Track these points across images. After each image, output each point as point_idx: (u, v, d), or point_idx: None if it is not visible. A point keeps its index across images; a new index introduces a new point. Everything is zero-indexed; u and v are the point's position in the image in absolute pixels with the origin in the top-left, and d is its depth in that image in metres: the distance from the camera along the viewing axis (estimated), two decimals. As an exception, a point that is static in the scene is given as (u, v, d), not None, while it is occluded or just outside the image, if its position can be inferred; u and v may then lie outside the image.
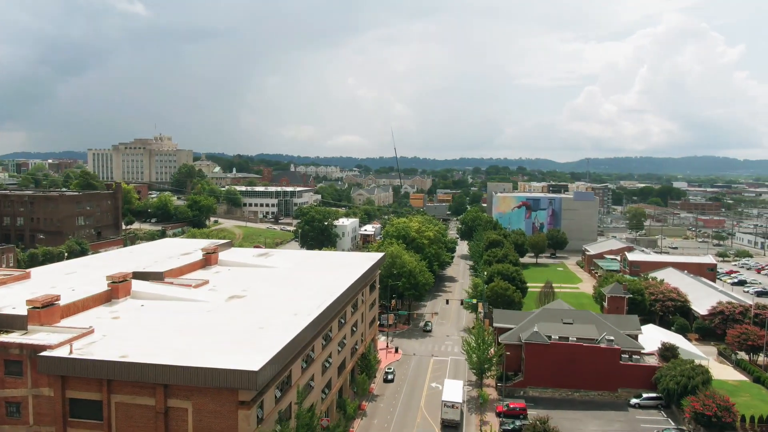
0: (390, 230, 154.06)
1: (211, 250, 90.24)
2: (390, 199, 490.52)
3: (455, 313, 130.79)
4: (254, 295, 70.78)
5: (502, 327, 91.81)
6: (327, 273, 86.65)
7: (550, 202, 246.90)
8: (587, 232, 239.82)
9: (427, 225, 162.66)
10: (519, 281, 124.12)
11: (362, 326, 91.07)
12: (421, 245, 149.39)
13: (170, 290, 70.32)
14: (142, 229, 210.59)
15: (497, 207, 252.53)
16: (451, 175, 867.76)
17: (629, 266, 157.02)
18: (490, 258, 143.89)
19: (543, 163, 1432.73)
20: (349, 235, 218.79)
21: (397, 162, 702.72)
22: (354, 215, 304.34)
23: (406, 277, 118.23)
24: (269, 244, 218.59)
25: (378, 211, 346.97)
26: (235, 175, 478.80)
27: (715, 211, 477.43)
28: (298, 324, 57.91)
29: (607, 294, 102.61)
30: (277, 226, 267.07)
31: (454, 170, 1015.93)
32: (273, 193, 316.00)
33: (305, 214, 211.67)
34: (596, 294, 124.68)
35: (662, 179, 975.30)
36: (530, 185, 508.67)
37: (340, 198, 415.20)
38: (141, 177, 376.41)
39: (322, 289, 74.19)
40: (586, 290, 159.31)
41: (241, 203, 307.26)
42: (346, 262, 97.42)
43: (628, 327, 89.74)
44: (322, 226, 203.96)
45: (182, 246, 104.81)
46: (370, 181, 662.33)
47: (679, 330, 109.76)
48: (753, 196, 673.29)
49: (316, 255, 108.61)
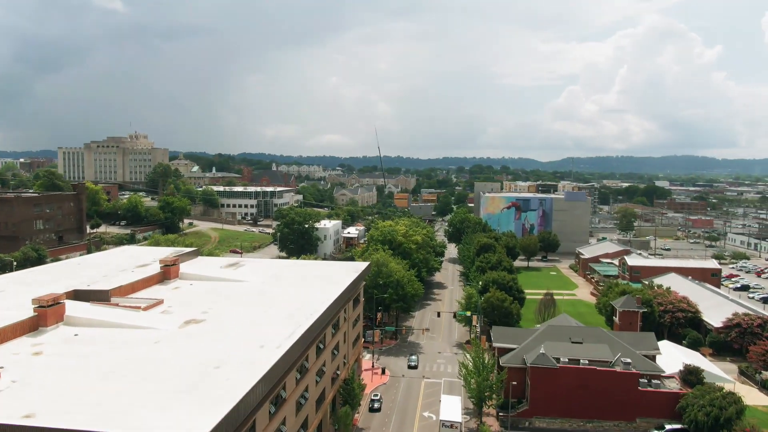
0: (375, 234, 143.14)
1: (170, 262, 78.45)
2: (374, 199, 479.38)
3: (446, 325, 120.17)
4: (215, 319, 59.38)
5: (503, 347, 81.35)
6: (304, 288, 75.53)
7: (540, 203, 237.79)
8: (579, 233, 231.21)
9: (414, 228, 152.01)
10: (516, 290, 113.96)
11: (344, 347, 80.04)
12: (408, 250, 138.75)
13: (114, 314, 58.64)
14: (109, 232, 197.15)
15: (486, 208, 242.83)
16: (435, 174, 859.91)
17: (629, 272, 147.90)
18: (483, 264, 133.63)
19: (526, 162, 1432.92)
20: (331, 238, 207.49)
21: (380, 161, 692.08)
22: (337, 216, 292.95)
23: (393, 287, 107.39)
24: (246, 248, 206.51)
25: (362, 212, 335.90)
26: (214, 175, 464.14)
27: (701, 210, 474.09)
28: (266, 360, 46.76)
29: (619, 308, 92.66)
30: (256, 228, 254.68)
31: (438, 169, 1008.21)
32: (252, 193, 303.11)
33: (284, 216, 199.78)
34: (600, 304, 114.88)
35: (644, 178, 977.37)
36: (516, 185, 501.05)
37: (323, 198, 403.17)
38: (114, 177, 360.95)
39: (298, 310, 63.13)
40: (583, 297, 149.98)
41: (219, 204, 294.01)
42: (327, 273, 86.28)
43: (645, 346, 79.85)
44: (302, 229, 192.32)
45: (141, 256, 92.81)
46: (354, 180, 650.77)
47: (692, 344, 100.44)
48: (735, 195, 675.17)
49: (293, 265, 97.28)
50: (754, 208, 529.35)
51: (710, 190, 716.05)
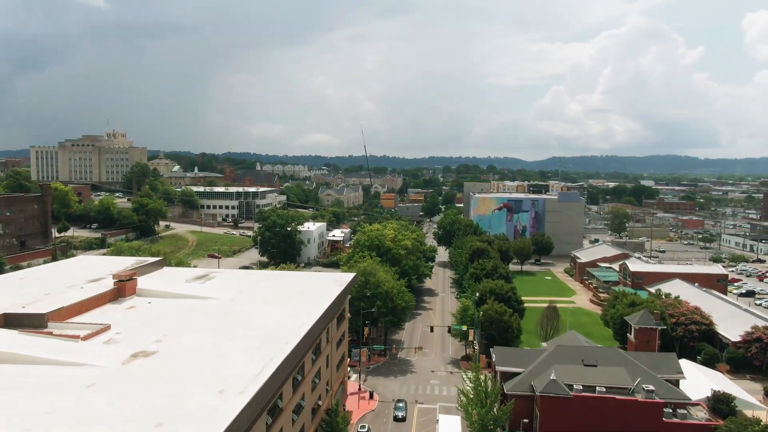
0: (362, 239, 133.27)
1: (125, 277, 67.99)
2: (360, 199, 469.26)
3: (439, 339, 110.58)
4: (170, 351, 49.23)
5: (507, 371, 71.99)
6: (280, 306, 65.57)
7: (532, 204, 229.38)
8: (573, 235, 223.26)
9: (403, 233, 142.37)
10: (515, 301, 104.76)
11: (327, 373, 70.18)
12: (397, 256, 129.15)
13: (44, 346, 48.24)
14: (78, 236, 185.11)
15: (476, 209, 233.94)
16: (421, 174, 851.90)
17: (631, 278, 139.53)
18: (478, 272, 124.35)
19: (512, 161, 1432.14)
20: (315, 242, 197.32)
21: (367, 161, 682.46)
22: (321, 218, 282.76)
23: (382, 299, 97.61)
24: (225, 252, 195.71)
25: (348, 213, 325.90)
26: (195, 175, 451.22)
27: (690, 210, 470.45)
28: (225, 412, 36.84)
29: (635, 324, 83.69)
30: (237, 230, 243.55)
31: (424, 169, 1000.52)
32: (233, 194, 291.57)
33: (266, 218, 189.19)
34: (606, 316, 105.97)
35: (629, 178, 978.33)
36: (504, 184, 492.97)
37: (307, 199, 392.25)
38: (90, 177, 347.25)
39: (272, 336, 53.34)
40: (583, 305, 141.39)
41: (199, 205, 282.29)
42: (307, 287, 76.34)
43: (667, 369, 70.93)
44: (284, 232, 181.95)
45: (98, 267, 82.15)
46: (339, 180, 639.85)
47: (708, 361, 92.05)
48: (720, 194, 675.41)
49: (269, 277, 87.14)
50: (742, 208, 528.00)
51: (696, 190, 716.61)
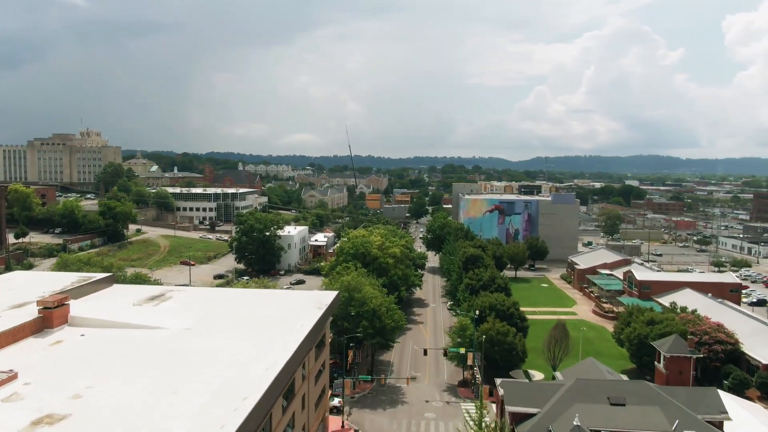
0: (346, 247, 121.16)
1: (52, 303, 55.18)
2: (345, 200, 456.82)
3: (433, 361, 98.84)
4: (86, 414, 36.81)
5: (519, 412, 60.48)
6: (247, 338, 53.34)
7: (525, 206, 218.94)
8: (567, 239, 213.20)
9: (391, 239, 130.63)
10: (518, 318, 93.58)
11: (303, 416, 58.08)
12: (384, 266, 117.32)
13: None
14: (37, 242, 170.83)
15: (467, 211, 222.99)
16: (407, 174, 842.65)
17: (638, 287, 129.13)
18: (473, 282, 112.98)
19: (496, 161, 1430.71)
20: (296, 247, 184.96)
21: (351, 161, 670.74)
22: (304, 220, 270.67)
23: (368, 318, 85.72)
24: (199, 258, 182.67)
25: (332, 215, 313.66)
26: (174, 175, 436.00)
27: (679, 211, 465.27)
28: None
29: (666, 352, 72.49)
30: (214, 234, 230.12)
31: (410, 169, 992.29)
32: (211, 195, 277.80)
33: (243, 222, 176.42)
34: (618, 333, 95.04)
35: (614, 178, 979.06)
36: (491, 184, 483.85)
37: (290, 200, 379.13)
38: (60, 177, 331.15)
39: (229, 386, 41.15)
40: (585, 316, 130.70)
41: (174, 207, 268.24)
42: (282, 310, 64.07)
43: (707, 407, 59.90)
44: (262, 238, 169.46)
45: (32, 287, 69.14)
46: (323, 180, 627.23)
47: (736, 386, 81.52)
48: (705, 194, 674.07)
49: (237, 297, 74.68)
50: (730, 208, 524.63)
51: (681, 190, 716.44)
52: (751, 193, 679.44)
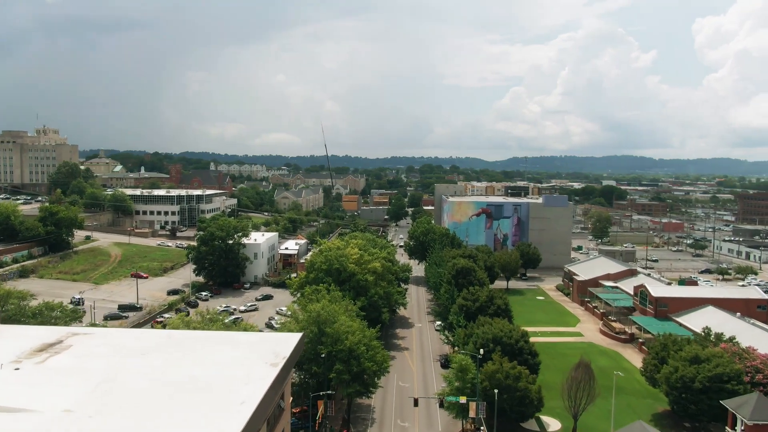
0: (318, 261, 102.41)
1: None
2: (320, 201, 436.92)
3: (423, 406, 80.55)
4: None
5: None
6: (159, 422, 34.67)
7: (515, 209, 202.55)
8: (560, 245, 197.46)
9: (371, 250, 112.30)
10: (528, 353, 76.11)
11: None
12: (363, 284, 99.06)
13: None
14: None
15: (451, 215, 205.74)
16: (384, 174, 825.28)
17: (653, 305, 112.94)
18: (468, 304, 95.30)
19: (473, 161, 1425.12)
20: (264, 256, 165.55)
21: (327, 160, 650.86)
22: (276, 224, 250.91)
23: (344, 361, 67.39)
24: (154, 270, 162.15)
25: (306, 218, 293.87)
26: (139, 176, 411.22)
27: (662, 212, 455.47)
28: None
29: (749, 420, 55.18)
30: (174, 241, 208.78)
31: (387, 169, 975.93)
32: (174, 197, 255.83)
33: (203, 229, 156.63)
34: (650, 371, 78.08)
35: (590, 178, 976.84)
36: (472, 185, 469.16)
37: (262, 202, 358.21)
38: (10, 178, 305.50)
39: None
40: (593, 338, 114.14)
41: (133, 211, 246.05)
42: (220, 370, 45.44)
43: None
44: (225, 247, 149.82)
45: None
46: (299, 180, 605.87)
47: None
48: (682, 194, 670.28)
49: (164, 343, 55.49)
50: (712, 209, 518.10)
51: (658, 190, 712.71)
52: (728, 193, 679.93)
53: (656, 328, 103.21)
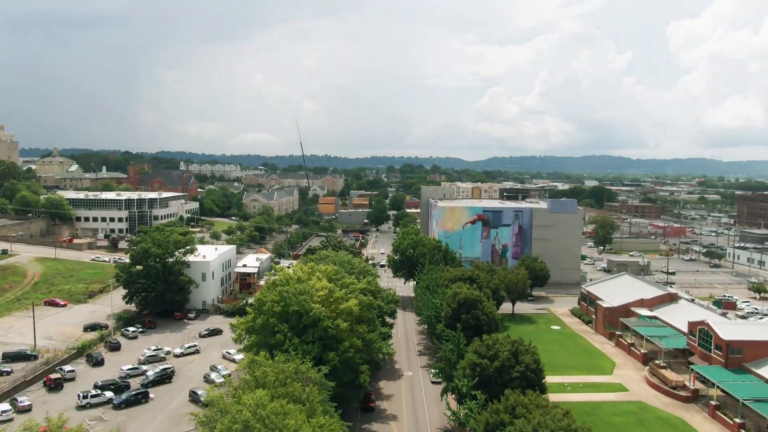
0: (268, 300, 71.91)
1: None
2: (295, 204, 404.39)
3: None
4: None
5: None
6: None
7: (516, 216, 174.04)
8: (569, 258, 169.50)
9: (346, 280, 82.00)
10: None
11: None
12: (333, 333, 69.09)
13: None
14: None
15: (443, 223, 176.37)
16: (364, 174, 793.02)
17: (723, 349, 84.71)
18: (484, 363, 66.10)
19: (454, 161, 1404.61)
20: (216, 276, 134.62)
21: (303, 159, 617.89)
22: (240, 232, 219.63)
23: None
24: (77, 295, 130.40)
25: (277, 224, 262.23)
26: (97, 176, 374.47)
27: (656, 214, 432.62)
28: None
29: None
30: (113, 255, 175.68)
31: (367, 169, 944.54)
32: (123, 202, 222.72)
33: (136, 244, 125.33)
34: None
35: (571, 177, 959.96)
36: (457, 185, 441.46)
37: (229, 205, 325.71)
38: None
39: None
40: (641, 395, 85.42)
41: (71, 217, 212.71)
42: None
43: None
44: (162, 266, 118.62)
45: None
46: (273, 181, 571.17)
47: None
48: (668, 194, 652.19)
49: None
50: (704, 210, 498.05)
51: (642, 190, 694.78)
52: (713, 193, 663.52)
53: (739, 388, 75.26)
